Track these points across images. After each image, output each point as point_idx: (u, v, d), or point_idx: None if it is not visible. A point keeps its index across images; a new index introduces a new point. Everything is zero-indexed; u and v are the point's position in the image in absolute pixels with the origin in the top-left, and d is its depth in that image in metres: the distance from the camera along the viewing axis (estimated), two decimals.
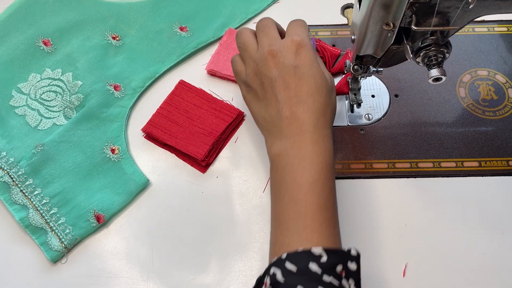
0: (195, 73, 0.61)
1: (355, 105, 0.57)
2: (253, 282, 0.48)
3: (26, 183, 0.52)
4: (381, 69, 0.53)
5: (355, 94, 0.56)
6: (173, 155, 0.56)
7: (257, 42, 0.49)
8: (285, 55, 0.46)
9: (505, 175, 0.54)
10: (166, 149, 0.56)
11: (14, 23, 0.63)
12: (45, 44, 0.62)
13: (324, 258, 0.38)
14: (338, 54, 0.60)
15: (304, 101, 0.44)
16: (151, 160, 0.56)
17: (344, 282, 0.38)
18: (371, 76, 0.54)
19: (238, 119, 0.57)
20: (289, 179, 0.43)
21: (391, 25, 0.42)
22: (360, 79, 0.55)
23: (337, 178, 0.54)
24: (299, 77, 0.45)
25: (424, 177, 0.54)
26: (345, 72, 0.56)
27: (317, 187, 0.42)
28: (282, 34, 0.51)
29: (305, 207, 0.41)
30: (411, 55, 0.43)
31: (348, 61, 0.53)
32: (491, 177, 0.54)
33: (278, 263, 0.39)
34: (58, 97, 0.58)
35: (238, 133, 0.57)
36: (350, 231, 0.51)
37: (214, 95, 0.59)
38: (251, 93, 0.49)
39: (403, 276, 0.49)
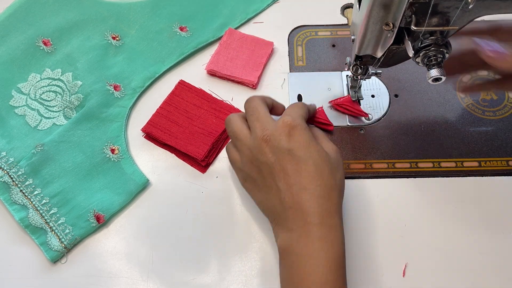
0: (195, 73, 0.61)
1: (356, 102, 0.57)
2: (253, 282, 0.48)
3: (26, 183, 0.52)
4: (380, 71, 0.53)
5: (355, 92, 0.56)
6: (173, 155, 0.56)
7: (249, 127, 0.47)
8: (278, 138, 0.43)
9: (505, 175, 0.54)
10: (166, 149, 0.56)
11: (14, 23, 0.63)
12: (45, 44, 0.62)
13: None
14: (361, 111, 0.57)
15: (306, 187, 0.42)
16: (151, 160, 0.56)
17: None
18: (370, 78, 0.54)
19: None
20: (296, 280, 0.41)
21: (391, 25, 0.42)
22: (360, 79, 0.55)
23: None
24: (296, 161, 0.43)
25: (424, 177, 0.54)
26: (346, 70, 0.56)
27: None
28: (274, 108, 0.50)
29: None
30: (412, 52, 0.43)
31: (348, 59, 0.54)
32: (491, 177, 0.54)
33: None
34: (58, 97, 0.58)
35: None
36: (350, 231, 0.51)
37: (214, 95, 0.59)
38: (250, 181, 0.47)
39: (403, 276, 0.49)
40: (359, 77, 0.54)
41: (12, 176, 0.52)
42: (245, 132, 0.47)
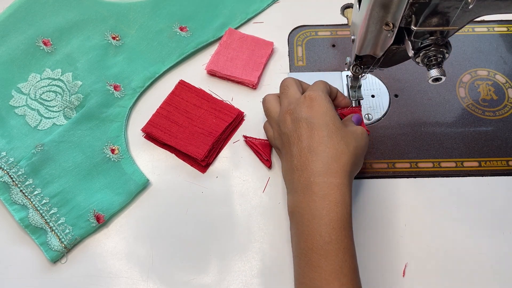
0: (195, 73, 0.61)
1: (356, 103, 0.57)
2: (253, 282, 0.48)
3: (26, 183, 0.52)
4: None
5: (355, 92, 0.56)
6: (173, 155, 0.56)
7: (280, 105, 0.51)
8: (298, 110, 0.46)
9: (505, 175, 0.54)
10: (166, 149, 0.56)
11: (14, 23, 0.63)
12: (45, 44, 0.62)
13: None
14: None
15: (314, 149, 0.44)
16: (151, 160, 0.56)
17: None
18: (372, 71, 0.54)
19: (238, 119, 0.57)
20: (301, 241, 0.41)
21: (391, 25, 0.42)
22: (360, 77, 0.55)
23: None
24: (310, 127, 0.45)
25: (424, 177, 0.54)
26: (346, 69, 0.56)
27: (330, 250, 0.40)
28: (337, 98, 0.52)
29: (319, 274, 0.39)
30: (412, 52, 0.43)
31: (348, 59, 0.54)
32: (491, 177, 0.54)
33: None
34: (58, 97, 0.58)
35: (238, 133, 0.57)
36: None
37: (214, 95, 0.59)
38: (279, 152, 0.51)
39: (403, 276, 0.49)
40: (359, 76, 0.54)
41: (12, 176, 0.52)
42: (276, 109, 0.51)
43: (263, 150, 0.55)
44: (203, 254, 0.50)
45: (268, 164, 0.54)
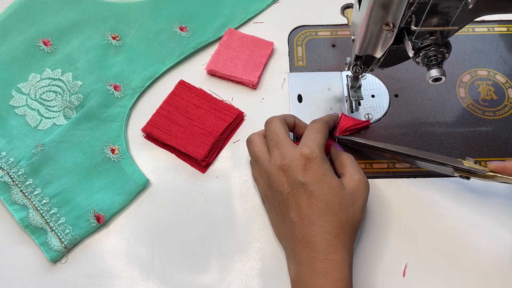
0: (195, 73, 0.61)
1: (356, 103, 0.57)
2: (253, 282, 0.48)
3: (26, 183, 0.52)
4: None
5: (355, 91, 0.56)
6: (173, 155, 0.56)
7: (269, 151, 0.48)
8: (295, 170, 0.44)
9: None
10: (166, 149, 0.56)
11: (14, 23, 0.63)
12: (45, 44, 0.62)
13: None
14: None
15: (315, 222, 0.43)
16: (151, 160, 0.56)
17: None
18: (372, 71, 0.54)
19: (238, 119, 0.57)
20: None
21: (391, 25, 0.42)
22: (360, 77, 0.55)
23: None
24: (308, 195, 0.44)
25: (424, 177, 0.54)
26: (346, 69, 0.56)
27: None
28: (297, 126, 0.51)
29: None
30: (412, 52, 0.43)
31: (348, 59, 0.54)
32: None
33: None
34: (58, 97, 0.58)
35: (238, 133, 0.57)
36: None
37: (214, 95, 0.59)
38: (268, 205, 0.49)
39: (403, 276, 0.49)
40: (360, 76, 0.54)
41: (12, 176, 0.52)
42: (265, 156, 0.48)
43: (352, 123, 0.55)
44: (203, 254, 0.50)
45: (368, 123, 0.55)
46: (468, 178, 0.47)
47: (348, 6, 0.66)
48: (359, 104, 0.58)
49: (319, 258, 0.42)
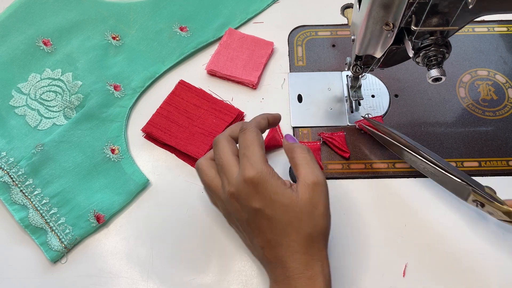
0: (195, 73, 0.61)
1: (356, 103, 0.57)
2: (253, 282, 0.48)
3: (26, 183, 0.52)
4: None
5: (355, 91, 0.56)
6: (173, 155, 0.56)
7: (218, 175, 0.46)
8: (245, 198, 0.42)
9: (505, 175, 0.54)
10: (166, 149, 0.56)
11: (14, 23, 0.63)
12: (45, 44, 0.62)
13: None
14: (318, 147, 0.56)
15: (281, 243, 0.42)
16: (151, 160, 0.56)
17: None
18: (372, 71, 0.54)
19: (238, 119, 0.57)
20: None
21: (391, 25, 0.42)
22: (360, 77, 0.55)
23: (337, 178, 0.54)
24: (266, 219, 0.42)
25: (424, 177, 0.54)
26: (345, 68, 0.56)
27: None
28: (271, 123, 0.48)
29: None
30: (412, 52, 0.43)
31: (348, 59, 0.54)
32: (491, 177, 0.54)
33: None
34: (58, 97, 0.58)
35: None
36: (350, 232, 0.51)
37: (214, 95, 0.59)
38: (234, 228, 0.48)
39: (403, 276, 0.49)
40: (360, 76, 0.54)
41: (12, 176, 0.52)
42: (215, 183, 0.45)
43: (340, 142, 0.55)
44: (203, 254, 0.50)
45: (347, 155, 0.55)
46: (483, 205, 0.46)
47: (348, 6, 0.66)
48: (359, 104, 0.58)
49: (294, 277, 0.41)
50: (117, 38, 0.63)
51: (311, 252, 0.42)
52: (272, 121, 0.48)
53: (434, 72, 0.42)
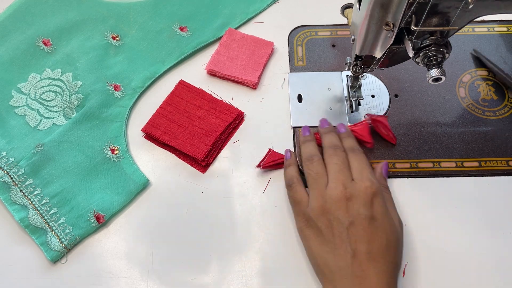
0: (195, 73, 0.61)
1: (356, 103, 0.57)
2: (253, 282, 0.48)
3: (26, 183, 0.52)
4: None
5: (355, 91, 0.56)
6: (173, 155, 0.56)
7: (326, 170, 0.47)
8: (361, 201, 0.44)
9: (505, 175, 0.54)
10: (166, 149, 0.56)
11: (14, 23, 0.63)
12: (45, 44, 0.62)
13: None
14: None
15: (377, 259, 0.42)
16: (151, 160, 0.56)
17: None
18: (372, 71, 0.54)
19: (238, 119, 0.57)
20: None
21: (391, 25, 0.42)
22: (360, 77, 0.55)
23: None
24: (372, 230, 0.43)
25: (424, 177, 0.54)
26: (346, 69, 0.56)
27: None
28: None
29: None
30: (412, 52, 0.43)
31: (348, 59, 0.54)
32: (491, 177, 0.54)
33: None
34: (58, 97, 0.58)
35: (238, 133, 0.57)
36: None
37: (214, 95, 0.59)
38: (313, 231, 0.46)
39: (403, 276, 0.49)
40: (360, 76, 0.54)
41: (12, 176, 0.52)
42: (323, 180, 0.47)
43: (362, 134, 0.54)
44: (203, 254, 0.50)
45: (394, 141, 0.55)
46: None
47: (348, 6, 0.66)
48: (359, 104, 0.58)
49: None
50: (117, 38, 0.63)
51: (395, 280, 0.43)
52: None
53: (434, 72, 0.42)
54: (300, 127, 0.57)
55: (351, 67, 0.52)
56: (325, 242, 0.44)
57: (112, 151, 0.56)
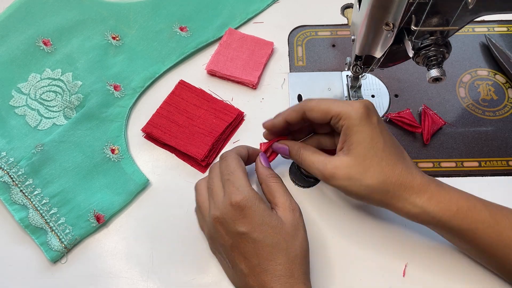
0: (195, 73, 0.61)
1: None
2: None
3: (26, 183, 0.52)
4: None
5: (355, 91, 0.56)
6: (173, 155, 0.56)
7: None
8: (231, 222, 0.42)
9: (505, 175, 0.54)
10: (166, 149, 0.56)
11: (14, 23, 0.63)
12: (45, 44, 0.62)
13: None
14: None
15: (267, 268, 0.42)
16: (151, 160, 0.56)
17: None
18: (372, 71, 0.54)
19: (238, 119, 0.57)
20: None
21: (391, 25, 0.42)
22: (360, 77, 0.55)
23: None
24: (252, 243, 0.42)
25: None
26: (346, 68, 0.56)
27: None
28: (250, 157, 0.49)
29: None
30: (412, 52, 0.43)
31: (348, 59, 0.54)
32: (491, 177, 0.54)
33: None
34: (58, 97, 0.58)
35: (238, 133, 0.57)
36: (350, 232, 0.51)
37: (214, 95, 0.59)
38: (217, 255, 0.48)
39: (403, 276, 0.49)
40: (360, 76, 0.54)
41: (12, 176, 0.52)
42: (206, 206, 0.46)
43: (410, 119, 0.55)
44: (203, 254, 0.50)
45: (420, 130, 0.55)
46: None
47: (348, 6, 0.66)
48: None
49: None
50: (117, 38, 0.63)
51: (296, 275, 0.42)
52: (252, 153, 0.50)
53: (434, 72, 0.42)
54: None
55: (351, 67, 0.52)
56: (227, 266, 0.46)
57: (112, 151, 0.56)
